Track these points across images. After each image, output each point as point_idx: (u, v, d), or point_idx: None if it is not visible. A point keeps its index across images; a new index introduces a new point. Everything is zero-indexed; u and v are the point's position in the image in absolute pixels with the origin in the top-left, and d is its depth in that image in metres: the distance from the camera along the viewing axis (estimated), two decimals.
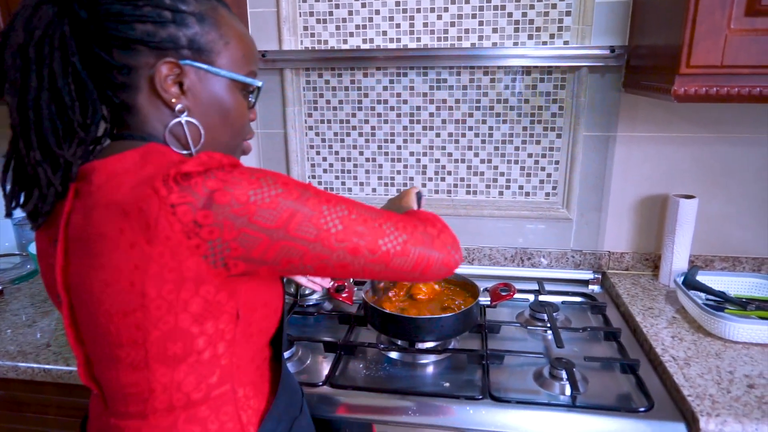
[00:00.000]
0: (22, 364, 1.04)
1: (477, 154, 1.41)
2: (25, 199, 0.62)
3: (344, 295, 1.18)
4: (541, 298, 1.29)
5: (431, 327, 1.04)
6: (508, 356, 1.05)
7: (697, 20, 0.89)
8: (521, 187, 1.42)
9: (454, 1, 1.30)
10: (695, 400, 0.87)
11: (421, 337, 1.06)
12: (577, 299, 1.33)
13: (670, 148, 1.32)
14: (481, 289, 1.16)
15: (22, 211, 0.64)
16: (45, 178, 0.59)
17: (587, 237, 1.42)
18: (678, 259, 1.29)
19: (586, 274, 1.42)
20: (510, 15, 1.29)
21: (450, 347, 1.10)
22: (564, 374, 0.96)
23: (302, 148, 1.48)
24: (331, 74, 1.41)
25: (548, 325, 1.15)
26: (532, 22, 1.29)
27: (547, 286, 1.35)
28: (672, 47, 0.95)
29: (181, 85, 0.62)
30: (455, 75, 1.35)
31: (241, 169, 0.57)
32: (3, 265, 1.53)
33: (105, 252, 0.56)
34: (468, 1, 1.30)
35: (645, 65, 1.14)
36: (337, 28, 1.37)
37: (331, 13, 1.36)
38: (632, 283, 1.35)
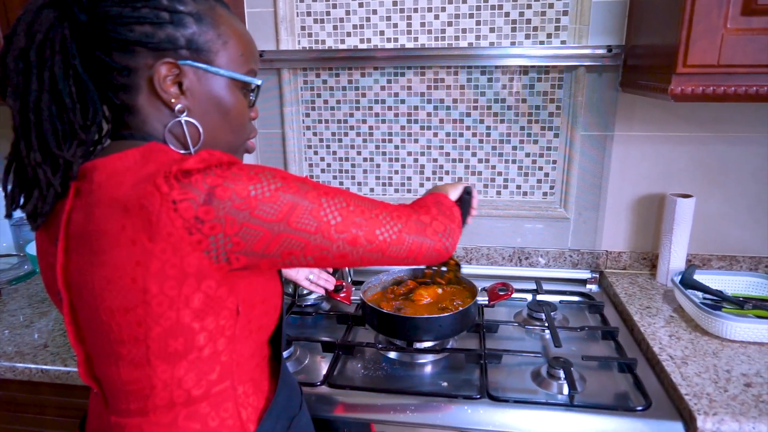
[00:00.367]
0: (19, 365, 1.04)
1: (475, 154, 1.41)
2: (25, 200, 0.62)
3: (342, 295, 1.18)
4: (539, 297, 1.29)
5: (429, 327, 1.04)
6: (506, 356, 1.05)
7: (694, 20, 0.90)
8: (519, 187, 1.42)
9: (451, 1, 1.30)
10: (692, 399, 0.87)
11: (419, 337, 1.06)
12: (575, 298, 1.33)
13: (667, 148, 1.32)
14: (479, 288, 1.16)
15: (21, 212, 0.64)
16: (45, 179, 0.60)
17: (585, 236, 1.42)
18: (675, 258, 1.29)
19: (584, 274, 1.42)
20: (507, 15, 1.29)
21: (448, 347, 1.10)
22: (562, 373, 0.97)
23: (300, 148, 1.48)
24: (329, 74, 1.41)
25: (546, 325, 1.15)
26: (529, 21, 1.29)
27: (545, 286, 1.35)
28: (669, 47, 0.96)
29: (180, 85, 0.63)
30: (453, 75, 1.36)
31: (240, 165, 0.58)
32: (0, 266, 1.52)
33: (106, 249, 0.56)
34: (465, 1, 1.30)
35: (642, 65, 1.15)
36: (335, 27, 1.37)
37: (329, 13, 1.36)
38: (630, 283, 1.35)
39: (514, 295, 1.20)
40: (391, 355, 1.09)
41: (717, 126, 1.29)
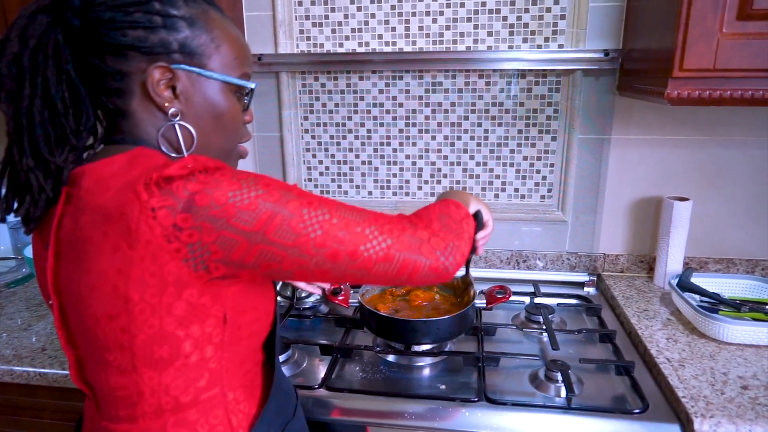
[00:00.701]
0: (17, 368, 1.04)
1: (473, 157, 1.41)
2: (18, 205, 0.63)
3: (340, 298, 1.18)
4: (537, 300, 1.29)
5: (427, 330, 1.04)
6: (504, 358, 1.05)
7: (690, 24, 0.90)
8: (516, 190, 1.42)
9: (449, 5, 1.31)
10: (689, 402, 0.87)
11: (417, 340, 1.06)
12: (573, 301, 1.34)
13: (664, 151, 1.33)
14: (476, 291, 1.16)
15: (15, 217, 0.64)
16: (37, 185, 0.60)
17: (582, 239, 1.43)
18: (672, 261, 1.30)
19: (582, 277, 1.42)
20: (505, 19, 1.30)
21: (446, 350, 1.10)
22: (559, 376, 0.97)
23: (298, 151, 1.48)
24: (327, 77, 1.41)
25: (544, 327, 1.15)
26: (527, 25, 1.30)
27: (543, 289, 1.35)
28: (665, 51, 0.96)
29: (174, 89, 0.63)
30: (451, 78, 1.36)
31: (224, 171, 0.57)
32: None
33: (91, 256, 0.56)
34: (463, 5, 1.30)
35: (639, 68, 1.15)
36: (333, 31, 1.37)
37: (327, 17, 1.36)
38: (627, 285, 1.35)
39: (512, 298, 1.20)
40: (389, 358, 1.09)
41: (713, 129, 1.29)
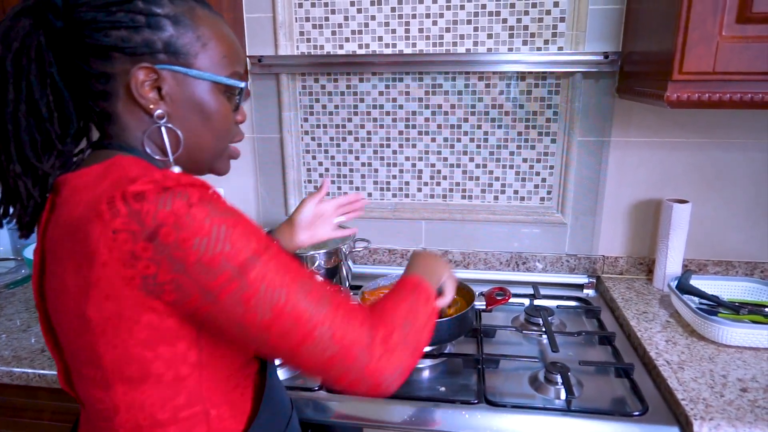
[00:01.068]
0: (17, 369, 1.04)
1: (472, 159, 1.41)
2: (9, 211, 0.62)
3: None
4: (536, 302, 1.29)
5: None
6: (504, 360, 1.05)
7: (690, 27, 0.90)
8: (516, 192, 1.42)
9: (449, 7, 1.31)
10: (689, 404, 0.88)
11: None
12: (572, 303, 1.34)
13: (663, 153, 1.33)
14: (476, 293, 1.16)
15: (8, 223, 0.64)
16: (25, 191, 0.59)
17: (582, 241, 1.43)
18: (672, 263, 1.30)
19: (581, 279, 1.43)
20: (505, 21, 1.30)
21: (445, 351, 1.10)
22: (559, 378, 0.97)
23: (298, 153, 1.48)
24: (327, 79, 1.41)
25: (543, 330, 1.15)
26: (526, 28, 1.30)
27: (542, 291, 1.35)
28: (665, 53, 0.96)
29: (159, 90, 0.60)
30: (450, 80, 1.36)
31: (200, 207, 0.52)
32: None
33: (60, 271, 0.55)
34: (463, 7, 1.31)
35: (638, 71, 1.15)
36: (333, 33, 1.37)
37: (327, 19, 1.37)
38: (626, 288, 1.35)
39: (512, 300, 1.19)
40: None
41: (713, 132, 1.29)
